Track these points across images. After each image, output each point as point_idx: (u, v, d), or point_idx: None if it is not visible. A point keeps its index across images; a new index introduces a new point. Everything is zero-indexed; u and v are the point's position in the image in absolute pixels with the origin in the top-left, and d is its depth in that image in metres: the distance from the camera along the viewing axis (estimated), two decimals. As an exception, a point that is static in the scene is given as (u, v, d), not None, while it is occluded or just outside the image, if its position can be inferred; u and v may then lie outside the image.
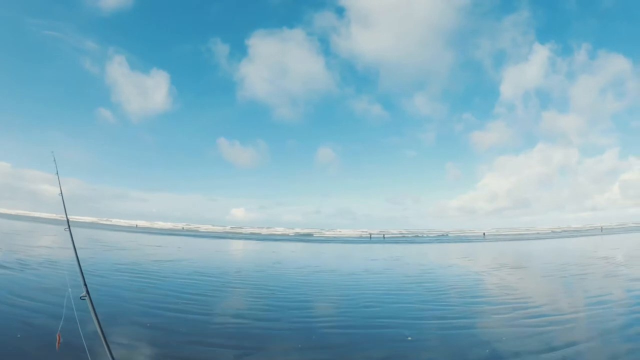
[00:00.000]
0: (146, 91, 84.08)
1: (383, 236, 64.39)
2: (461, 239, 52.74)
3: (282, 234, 71.58)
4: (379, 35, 79.76)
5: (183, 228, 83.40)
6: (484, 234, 65.82)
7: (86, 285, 3.30)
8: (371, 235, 67.01)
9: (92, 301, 3.18)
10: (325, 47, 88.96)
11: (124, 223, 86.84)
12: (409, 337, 6.29)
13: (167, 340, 5.96)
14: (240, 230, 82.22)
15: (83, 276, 3.43)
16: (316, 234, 72.52)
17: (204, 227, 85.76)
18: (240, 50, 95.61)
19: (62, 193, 4.76)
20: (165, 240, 37.63)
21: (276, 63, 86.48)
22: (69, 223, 4.38)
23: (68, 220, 4.48)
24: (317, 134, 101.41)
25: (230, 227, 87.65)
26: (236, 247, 32.59)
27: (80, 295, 3.22)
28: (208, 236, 52.75)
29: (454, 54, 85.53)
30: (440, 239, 54.56)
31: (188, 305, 8.29)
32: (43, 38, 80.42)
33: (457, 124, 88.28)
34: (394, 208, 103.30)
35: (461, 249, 31.30)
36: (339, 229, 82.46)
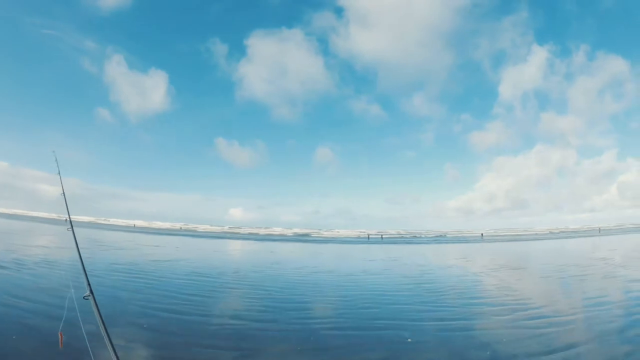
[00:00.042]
0: (144, 91, 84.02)
1: (381, 237, 64.40)
2: (459, 240, 52.79)
3: (280, 234, 71.48)
4: (378, 35, 80.00)
5: (181, 228, 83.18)
6: (482, 235, 65.94)
7: (90, 284, 3.28)
8: (369, 235, 67.00)
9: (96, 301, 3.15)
10: (324, 47, 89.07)
11: (122, 223, 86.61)
12: (409, 339, 6.24)
13: (164, 341, 5.89)
14: (238, 230, 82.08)
15: (87, 276, 3.40)
16: (314, 234, 72.47)
17: (202, 227, 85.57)
18: (239, 50, 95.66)
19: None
20: (163, 240, 37.49)
21: (275, 63, 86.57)
22: (72, 223, 4.38)
23: (71, 220, 4.49)
24: (316, 134, 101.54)
25: (228, 227, 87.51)
26: (234, 247, 32.49)
27: (83, 295, 3.18)
28: (206, 236, 52.60)
29: (453, 55, 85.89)
30: (438, 240, 54.61)
31: (185, 306, 8.21)
32: (42, 37, 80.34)
33: (456, 125, 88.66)
34: (393, 208, 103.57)
35: (459, 250, 31.30)
36: (337, 229, 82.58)
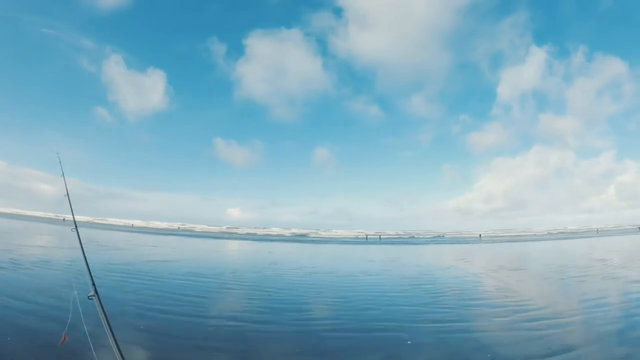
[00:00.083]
0: (143, 90, 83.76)
1: (379, 237, 64.38)
2: (457, 240, 52.81)
3: (279, 235, 71.35)
4: (377, 36, 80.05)
5: (179, 228, 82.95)
6: (480, 235, 66.02)
7: (94, 285, 3.33)
8: (367, 236, 66.97)
9: (101, 301, 3.17)
10: (322, 48, 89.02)
11: (120, 222, 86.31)
12: (408, 341, 6.17)
13: (162, 343, 5.81)
14: (236, 230, 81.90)
15: (91, 276, 3.43)
16: (312, 235, 72.38)
17: (200, 227, 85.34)
18: (237, 50, 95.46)
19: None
20: (160, 240, 37.34)
21: (273, 63, 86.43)
22: (76, 224, 4.50)
23: (75, 221, 4.60)
24: (314, 135, 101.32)
25: (226, 227, 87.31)
26: (232, 248, 32.37)
27: (88, 294, 3.25)
28: (204, 236, 52.45)
29: (452, 56, 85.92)
30: (436, 240, 54.61)
31: (183, 307, 8.12)
32: (40, 36, 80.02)
33: (454, 126, 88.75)
34: (391, 209, 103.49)
35: (458, 250, 31.28)
36: (335, 230, 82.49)
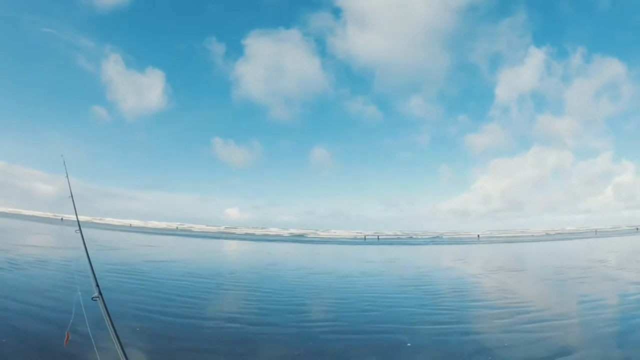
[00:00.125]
0: (141, 90, 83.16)
1: (377, 237, 64.32)
2: (455, 241, 52.81)
3: (277, 235, 71.21)
4: (376, 36, 79.69)
5: (177, 228, 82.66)
6: (479, 236, 66.08)
7: (99, 286, 3.31)
8: (365, 236, 66.93)
9: (105, 302, 3.13)
10: (321, 48, 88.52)
11: (118, 222, 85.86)
12: (409, 344, 6.10)
13: (158, 346, 5.73)
14: (234, 230, 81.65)
15: (95, 278, 3.42)
16: (310, 235, 72.24)
17: (198, 227, 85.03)
18: (236, 49, 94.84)
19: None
20: (158, 240, 37.17)
21: (272, 63, 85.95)
22: (80, 225, 4.50)
23: (79, 222, 4.59)
24: (312, 135, 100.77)
25: (224, 227, 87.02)
26: (230, 248, 32.26)
27: (92, 296, 3.23)
28: (202, 236, 52.27)
29: (450, 56, 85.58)
30: (434, 241, 54.61)
31: (180, 308, 8.03)
32: (39, 35, 79.22)
33: (452, 126, 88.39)
34: (389, 209, 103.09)
35: (456, 251, 31.25)
36: (333, 230, 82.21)
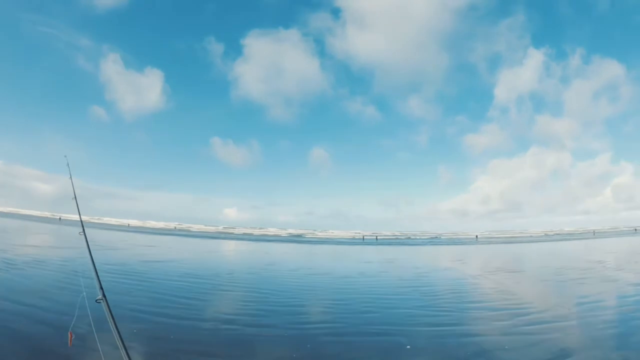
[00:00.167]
0: (140, 89, 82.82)
1: (376, 238, 64.29)
2: (454, 242, 52.81)
3: (275, 235, 71.11)
4: (375, 36, 79.61)
5: (175, 228, 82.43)
6: (477, 237, 66.10)
7: (102, 288, 3.28)
8: (364, 236, 66.89)
9: (109, 305, 3.12)
10: (320, 48, 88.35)
11: (116, 222, 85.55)
12: (408, 346, 6.04)
13: (156, 348, 5.64)
14: (232, 230, 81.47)
15: (99, 280, 3.37)
16: (309, 235, 72.13)
17: (196, 227, 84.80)
18: (235, 49, 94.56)
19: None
20: (156, 239, 37.02)
21: (271, 63, 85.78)
22: (84, 226, 4.44)
23: (82, 224, 4.50)
24: (311, 135, 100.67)
25: (222, 227, 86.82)
26: (228, 248, 32.16)
27: (96, 298, 3.21)
28: (200, 236, 52.12)
29: (449, 57, 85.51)
30: (433, 241, 54.62)
31: (178, 309, 7.96)
32: (38, 34, 78.82)
33: (451, 127, 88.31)
34: (387, 210, 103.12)
35: (455, 252, 31.24)
36: (332, 230, 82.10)
